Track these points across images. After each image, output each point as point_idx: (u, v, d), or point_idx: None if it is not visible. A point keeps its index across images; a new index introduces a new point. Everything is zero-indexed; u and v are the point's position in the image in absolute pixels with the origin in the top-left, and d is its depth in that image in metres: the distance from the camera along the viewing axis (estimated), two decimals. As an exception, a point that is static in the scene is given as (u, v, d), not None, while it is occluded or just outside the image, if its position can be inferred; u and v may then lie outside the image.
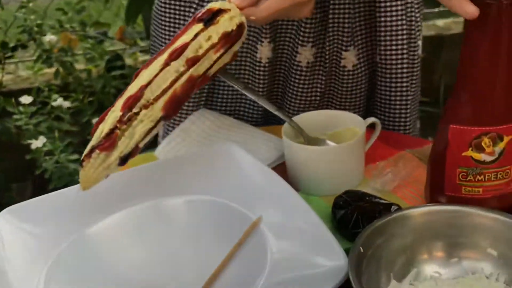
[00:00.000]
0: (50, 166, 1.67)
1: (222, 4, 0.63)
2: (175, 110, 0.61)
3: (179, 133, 0.90)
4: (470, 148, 0.62)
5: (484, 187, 0.64)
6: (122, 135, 0.58)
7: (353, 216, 0.66)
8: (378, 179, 0.76)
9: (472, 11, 0.56)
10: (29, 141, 1.70)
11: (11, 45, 2.00)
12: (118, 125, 0.58)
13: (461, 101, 0.63)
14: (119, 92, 0.95)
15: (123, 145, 0.58)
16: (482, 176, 0.63)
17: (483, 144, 0.62)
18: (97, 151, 0.58)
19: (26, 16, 1.91)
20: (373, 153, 0.82)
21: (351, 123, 0.79)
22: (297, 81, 0.89)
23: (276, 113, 0.80)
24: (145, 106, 0.59)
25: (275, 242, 0.62)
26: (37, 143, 1.68)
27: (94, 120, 1.79)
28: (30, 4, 1.91)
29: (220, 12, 0.61)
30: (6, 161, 1.96)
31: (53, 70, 2.02)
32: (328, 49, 0.87)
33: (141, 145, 0.60)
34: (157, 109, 0.59)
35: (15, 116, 1.80)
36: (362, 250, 0.53)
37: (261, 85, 0.90)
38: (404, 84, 0.88)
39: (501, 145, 0.62)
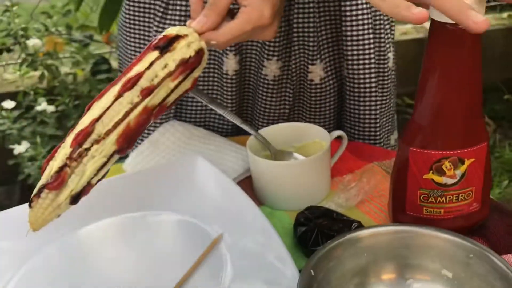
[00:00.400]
0: (33, 172, 1.67)
1: (180, 29, 0.59)
2: (130, 143, 0.57)
3: (148, 146, 0.89)
4: (431, 171, 0.61)
5: (446, 209, 0.63)
6: (72, 172, 0.55)
7: (312, 233, 0.66)
8: (342, 194, 0.75)
9: (424, 14, 0.49)
10: (12, 146, 1.70)
11: (-4, 48, 2.00)
12: (67, 163, 0.55)
13: (421, 124, 0.61)
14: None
15: (74, 183, 0.55)
16: (444, 198, 0.62)
17: (444, 167, 0.60)
18: (45, 190, 0.55)
19: (11, 19, 1.89)
20: (341, 166, 0.81)
21: (317, 136, 0.79)
22: (265, 94, 0.88)
23: (242, 126, 0.79)
24: (97, 141, 0.55)
25: (231, 263, 0.62)
26: (20, 148, 1.68)
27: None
28: (14, 8, 1.90)
29: (177, 38, 0.58)
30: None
31: (39, 73, 2.01)
32: (294, 62, 0.86)
33: (94, 181, 0.57)
34: (110, 144, 0.56)
35: (-1, 120, 1.80)
36: (313, 274, 0.52)
37: (229, 98, 0.89)
38: (373, 98, 0.87)
39: (462, 168, 0.60)
